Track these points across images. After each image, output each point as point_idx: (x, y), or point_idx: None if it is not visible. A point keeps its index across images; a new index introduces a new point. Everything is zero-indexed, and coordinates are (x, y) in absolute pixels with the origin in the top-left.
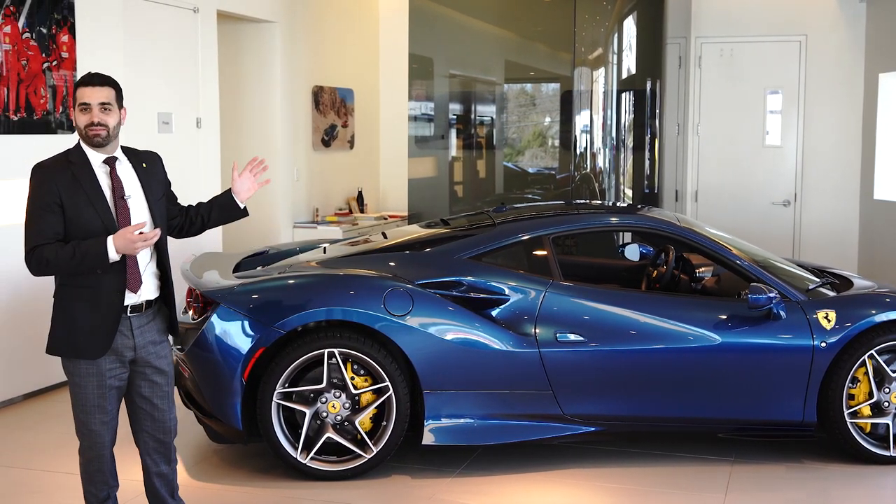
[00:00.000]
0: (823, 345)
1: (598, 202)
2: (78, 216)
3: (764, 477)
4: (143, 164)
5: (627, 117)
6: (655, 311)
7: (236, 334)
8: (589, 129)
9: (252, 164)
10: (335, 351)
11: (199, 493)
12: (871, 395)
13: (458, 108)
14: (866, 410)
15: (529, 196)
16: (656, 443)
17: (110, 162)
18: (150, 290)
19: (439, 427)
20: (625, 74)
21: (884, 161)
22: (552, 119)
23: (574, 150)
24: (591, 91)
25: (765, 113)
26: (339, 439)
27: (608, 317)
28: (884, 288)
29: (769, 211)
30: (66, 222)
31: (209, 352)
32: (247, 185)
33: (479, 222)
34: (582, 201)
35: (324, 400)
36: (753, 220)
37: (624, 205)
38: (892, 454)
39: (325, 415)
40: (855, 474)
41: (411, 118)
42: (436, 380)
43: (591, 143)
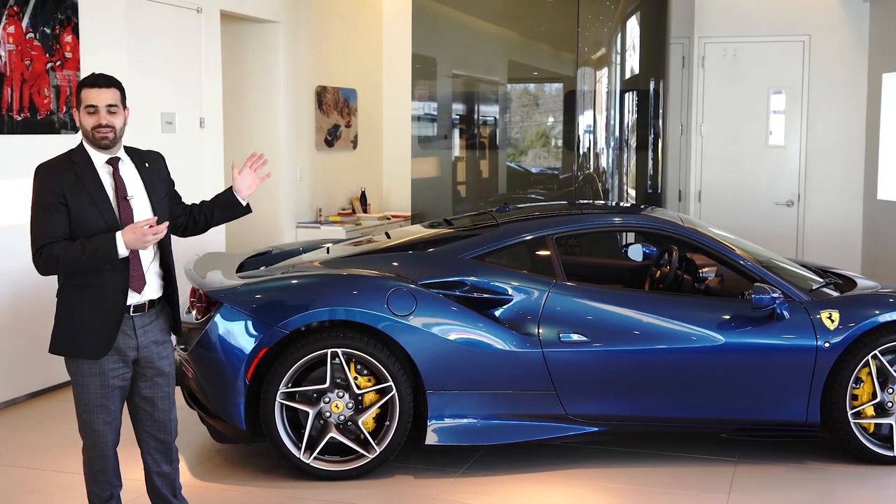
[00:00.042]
0: (827, 345)
1: (602, 202)
2: (81, 216)
3: (767, 477)
4: (146, 164)
5: (630, 117)
6: (659, 311)
7: (240, 334)
8: (592, 130)
9: (251, 159)
10: (338, 351)
11: (203, 492)
12: (874, 395)
13: (462, 108)
14: (870, 411)
15: (533, 196)
16: (659, 443)
17: (113, 162)
18: (153, 289)
19: (442, 427)
20: (628, 74)
21: (887, 161)
22: (555, 119)
23: (577, 151)
24: (595, 91)
25: (768, 113)
26: (342, 439)
27: (611, 317)
28: (887, 288)
29: (772, 211)
30: (71, 222)
31: (213, 352)
32: (248, 182)
33: (482, 222)
34: (585, 201)
35: (327, 400)
36: (757, 220)
37: (627, 205)
38: None
39: (329, 415)
40: (858, 475)
41: (414, 118)
42: (439, 380)
43: (595, 144)
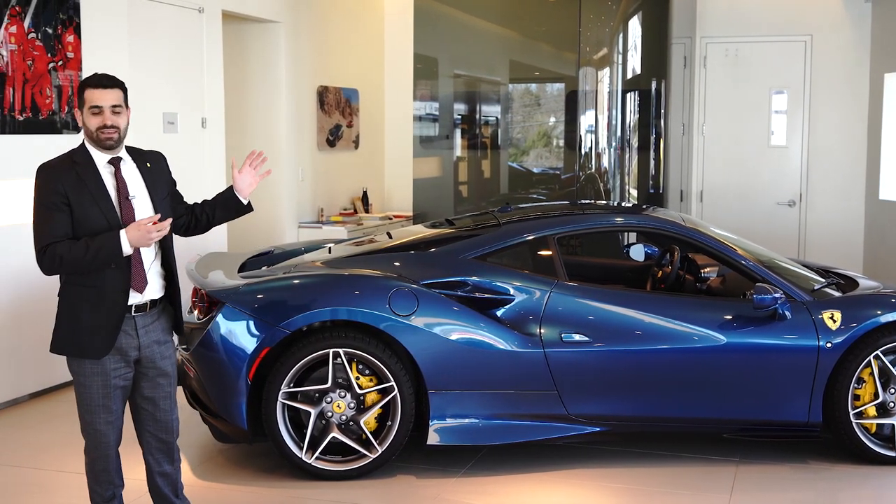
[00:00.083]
0: (829, 345)
1: (603, 202)
2: (83, 216)
3: (769, 477)
4: (148, 164)
5: (632, 117)
6: (660, 311)
7: (241, 334)
8: (594, 130)
9: (251, 157)
10: (340, 351)
11: (205, 492)
12: (876, 395)
13: (463, 108)
14: (872, 411)
15: (534, 196)
16: (661, 443)
17: (115, 162)
18: (154, 289)
19: (444, 427)
20: (630, 74)
21: (889, 161)
22: (557, 119)
23: (579, 151)
24: (596, 91)
25: (770, 113)
26: (343, 439)
27: (613, 317)
28: (889, 288)
29: (774, 211)
30: (73, 222)
31: (214, 351)
32: (248, 180)
33: (484, 222)
34: (587, 201)
35: (329, 400)
36: (758, 220)
37: (629, 205)
38: None
39: (330, 415)
40: (860, 475)
41: (416, 118)
42: (441, 380)
43: (596, 144)
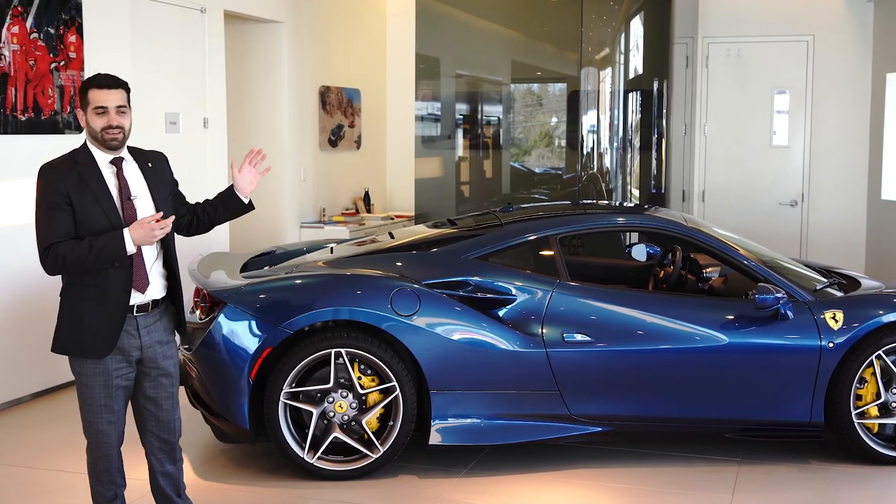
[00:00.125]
0: (831, 345)
1: (605, 202)
2: (85, 216)
3: (771, 477)
4: (149, 164)
5: (634, 117)
6: (662, 311)
7: (243, 334)
8: (596, 129)
9: (250, 155)
10: (342, 351)
11: (207, 492)
12: (878, 395)
13: (465, 108)
14: (874, 411)
15: (536, 196)
16: (663, 443)
17: (117, 162)
18: (156, 289)
19: (446, 427)
20: (632, 74)
21: (891, 161)
22: (559, 119)
23: (581, 151)
24: (598, 91)
25: (772, 113)
26: (345, 439)
27: (615, 317)
28: (891, 288)
29: (776, 211)
30: (75, 222)
31: (216, 351)
32: (248, 179)
33: (485, 222)
34: (589, 201)
35: (331, 400)
36: (760, 220)
37: (631, 205)
38: None
39: (332, 414)
40: (862, 475)
41: (418, 118)
42: (443, 380)
43: (598, 143)
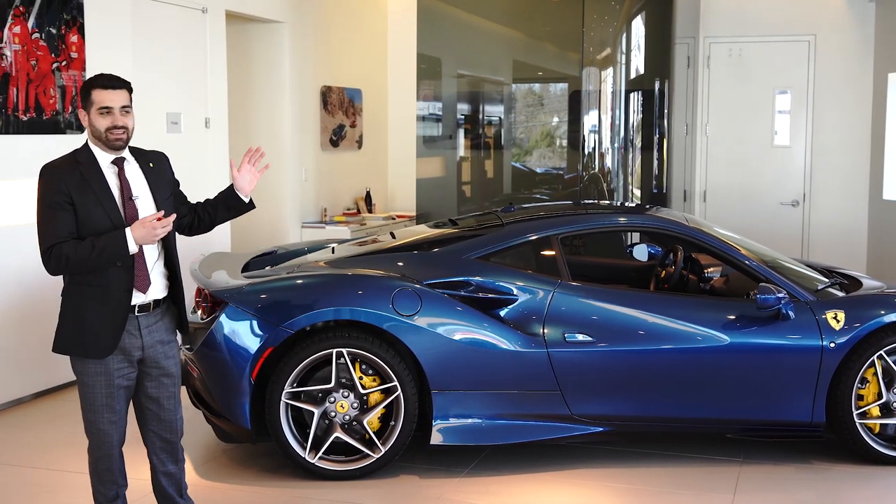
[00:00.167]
0: (832, 345)
1: (607, 202)
2: (87, 216)
3: (773, 477)
4: (150, 164)
5: (636, 117)
6: (664, 311)
7: (245, 334)
8: (597, 129)
9: (249, 154)
10: (343, 351)
11: (208, 492)
12: (880, 395)
13: (467, 108)
14: (875, 411)
15: (537, 196)
16: (664, 443)
17: (118, 162)
18: (158, 289)
19: (447, 427)
20: (633, 74)
21: (893, 161)
22: (560, 119)
23: (582, 150)
24: (600, 91)
25: (773, 113)
26: (347, 439)
27: (616, 317)
28: (893, 288)
29: (778, 211)
30: (77, 222)
31: (218, 351)
32: (248, 178)
33: (487, 222)
34: (590, 201)
35: (332, 400)
36: (762, 220)
37: (632, 205)
38: None
39: (334, 414)
40: (864, 475)
41: (419, 118)
42: (444, 380)
43: (600, 143)
